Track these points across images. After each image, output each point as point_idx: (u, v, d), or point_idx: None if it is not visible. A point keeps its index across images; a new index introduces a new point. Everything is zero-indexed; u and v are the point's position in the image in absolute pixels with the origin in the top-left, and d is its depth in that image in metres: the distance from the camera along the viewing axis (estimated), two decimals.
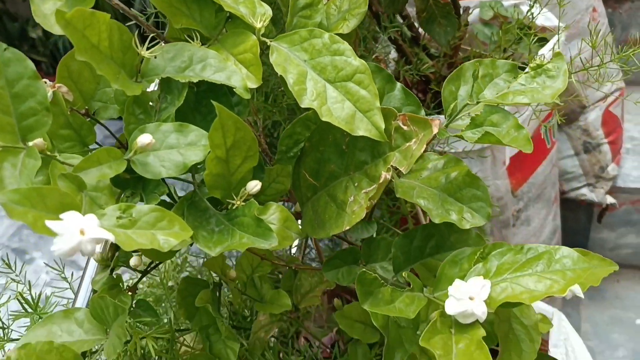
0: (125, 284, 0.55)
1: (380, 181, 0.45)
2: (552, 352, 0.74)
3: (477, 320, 0.43)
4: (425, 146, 0.44)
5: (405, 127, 0.45)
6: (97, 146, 0.50)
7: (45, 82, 0.46)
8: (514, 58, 0.93)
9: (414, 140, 0.45)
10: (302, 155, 0.53)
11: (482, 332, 0.43)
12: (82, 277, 0.60)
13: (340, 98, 0.45)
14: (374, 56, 0.82)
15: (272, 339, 0.68)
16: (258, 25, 0.47)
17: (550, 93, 0.45)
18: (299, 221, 0.53)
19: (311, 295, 0.64)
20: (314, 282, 0.64)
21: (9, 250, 1.58)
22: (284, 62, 0.46)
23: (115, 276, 0.51)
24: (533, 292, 0.43)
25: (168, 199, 0.51)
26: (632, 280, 1.34)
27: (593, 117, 1.19)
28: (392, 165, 0.46)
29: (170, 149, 0.45)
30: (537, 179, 0.92)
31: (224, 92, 0.51)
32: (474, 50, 0.87)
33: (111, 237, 0.36)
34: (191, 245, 0.59)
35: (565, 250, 0.46)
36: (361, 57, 0.69)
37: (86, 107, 0.49)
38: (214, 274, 0.60)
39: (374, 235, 0.58)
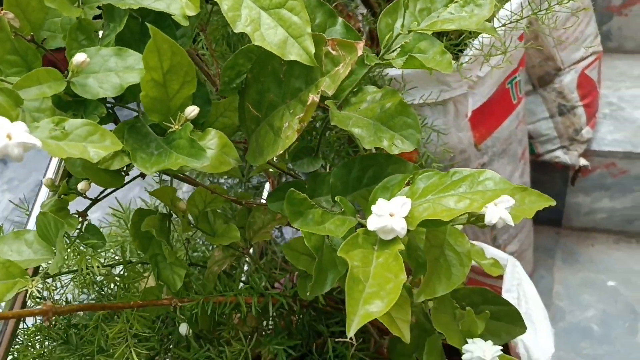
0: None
1: (309, 103, 0.47)
2: (505, 295, 0.76)
3: (397, 237, 0.45)
4: (350, 67, 0.46)
5: (334, 52, 0.47)
6: None
7: None
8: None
9: (341, 64, 0.47)
10: (245, 87, 0.55)
11: (401, 247, 0.45)
12: (34, 203, 0.62)
13: (274, 24, 0.47)
14: (345, 13, 0.83)
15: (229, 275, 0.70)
16: None
17: (476, 20, 0.47)
18: None
19: (263, 232, 0.66)
20: (266, 219, 0.66)
21: None
22: None
23: (62, 198, 0.53)
24: (452, 210, 0.45)
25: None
26: (606, 244, 1.36)
27: (568, 79, 1.20)
28: (322, 90, 0.47)
29: (109, 71, 0.47)
30: (502, 133, 0.93)
31: (168, 24, 0.53)
32: None
33: (38, 143, 0.38)
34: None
35: (489, 173, 0.48)
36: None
37: (32, 34, 0.50)
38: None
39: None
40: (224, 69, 0.54)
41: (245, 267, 0.76)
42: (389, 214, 0.45)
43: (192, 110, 0.49)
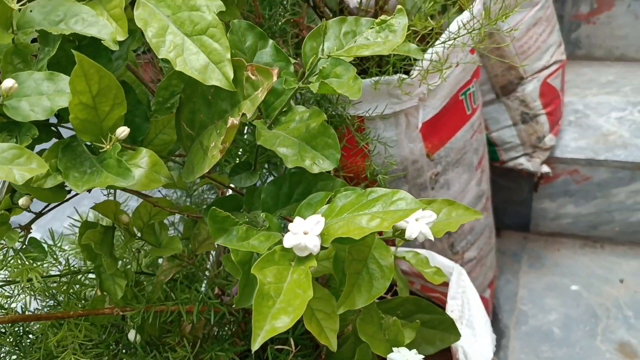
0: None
1: (228, 126, 0.49)
2: (449, 303, 0.79)
3: (311, 254, 0.48)
4: (266, 92, 0.48)
5: (253, 77, 0.50)
6: None
7: None
8: (441, 27, 0.96)
9: (260, 89, 0.49)
10: (180, 107, 0.57)
11: (313, 264, 0.47)
12: None
13: (196, 50, 0.50)
14: (291, 20, 0.86)
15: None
16: None
17: (389, 46, 0.49)
18: None
19: (208, 243, 0.68)
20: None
21: None
22: (148, 16, 0.50)
23: (3, 213, 0.56)
24: (363, 229, 0.47)
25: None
26: (572, 249, 1.39)
27: (530, 88, 1.22)
28: (243, 113, 0.50)
29: (41, 95, 0.49)
30: (455, 144, 0.95)
31: (104, 47, 0.55)
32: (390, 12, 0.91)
33: None
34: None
35: (402, 193, 0.50)
36: (272, 20, 0.73)
37: None
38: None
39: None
40: (158, 90, 0.57)
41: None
42: (303, 232, 0.48)
43: (123, 131, 0.52)
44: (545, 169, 1.27)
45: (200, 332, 0.72)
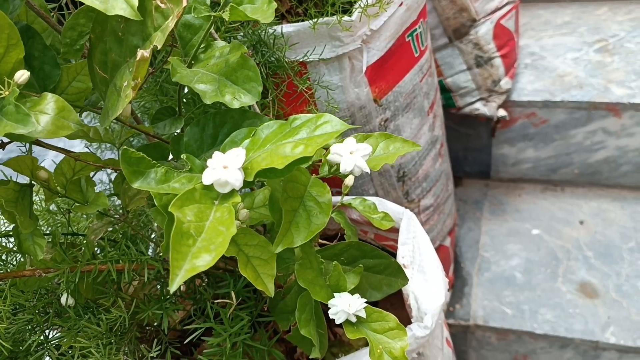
0: None
1: (137, 59, 0.45)
2: (400, 248, 0.77)
3: (234, 190, 0.45)
4: (177, 19, 0.44)
5: (163, 5, 0.45)
6: None
7: None
8: None
9: (171, 17, 0.45)
10: (91, 49, 0.53)
11: (237, 200, 0.44)
12: None
13: None
14: None
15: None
16: None
17: None
18: None
19: (138, 198, 0.65)
20: None
21: None
22: None
23: None
24: (287, 157, 0.44)
25: None
26: (533, 194, 1.38)
27: (483, 30, 1.19)
28: (155, 45, 0.46)
29: None
30: (404, 88, 0.92)
31: None
32: None
33: None
34: None
35: (328, 117, 0.47)
36: None
37: None
38: None
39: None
40: (64, 30, 0.52)
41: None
42: (223, 166, 0.44)
43: (22, 75, 0.47)
44: (502, 112, 1.25)
45: (140, 293, 0.69)
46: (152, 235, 0.84)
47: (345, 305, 0.54)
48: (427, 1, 1.08)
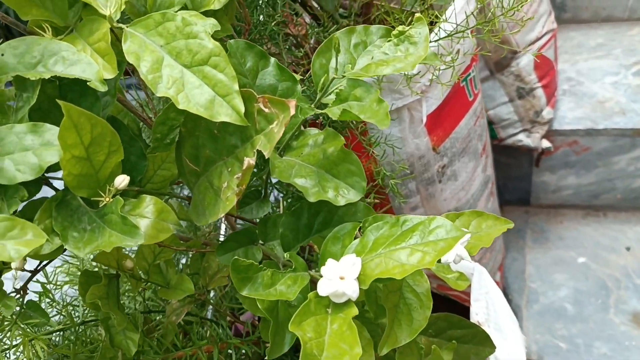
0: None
1: (245, 167, 0.44)
2: (473, 305, 0.75)
3: (350, 300, 0.43)
4: (284, 126, 0.43)
5: (266, 110, 0.44)
6: None
7: None
8: (433, 9, 0.91)
9: (275, 122, 0.44)
10: (181, 141, 0.51)
11: (354, 311, 0.43)
12: None
13: (198, 83, 0.44)
14: (283, 15, 0.80)
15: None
16: (107, 11, 0.45)
17: (412, 61, 0.44)
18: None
19: (220, 276, 0.63)
20: (221, 263, 0.64)
21: None
22: (139, 49, 0.44)
23: None
24: (404, 266, 0.43)
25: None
26: (574, 220, 1.37)
27: (525, 62, 1.18)
28: (257, 150, 0.44)
29: (25, 150, 0.43)
30: (460, 133, 0.91)
31: (90, 86, 0.49)
32: (387, 5, 0.85)
33: None
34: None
35: (440, 220, 0.45)
36: (262, 24, 0.67)
37: None
38: None
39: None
40: (154, 126, 0.51)
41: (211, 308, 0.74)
42: (340, 276, 0.43)
43: (122, 180, 0.46)
44: (546, 144, 1.24)
45: None
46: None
47: None
48: None
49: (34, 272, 0.54)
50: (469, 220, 0.58)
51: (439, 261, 0.51)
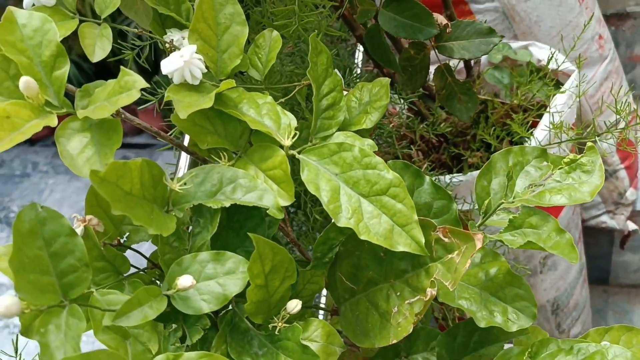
0: None
1: (427, 298, 0.44)
2: None
3: None
4: (469, 261, 0.43)
5: (446, 239, 0.45)
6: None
7: (76, 217, 0.46)
8: (529, 100, 0.93)
9: (456, 252, 0.44)
10: (337, 259, 0.52)
11: None
12: None
13: (377, 213, 0.45)
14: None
15: None
16: (286, 142, 0.46)
17: (589, 190, 0.45)
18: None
19: None
20: None
21: None
22: (315, 178, 0.46)
23: None
24: None
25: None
26: None
27: (607, 144, 1.18)
28: (436, 278, 0.45)
29: (209, 279, 0.44)
30: (561, 222, 0.91)
31: (255, 207, 0.50)
32: (494, 100, 0.87)
33: None
34: None
35: (618, 349, 0.45)
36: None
37: (118, 238, 0.48)
38: None
39: None
40: (316, 245, 0.52)
41: None
42: None
43: (295, 306, 0.47)
44: (633, 226, 1.22)
45: None
46: None
47: None
48: None
49: None
50: (618, 336, 0.57)
51: None
